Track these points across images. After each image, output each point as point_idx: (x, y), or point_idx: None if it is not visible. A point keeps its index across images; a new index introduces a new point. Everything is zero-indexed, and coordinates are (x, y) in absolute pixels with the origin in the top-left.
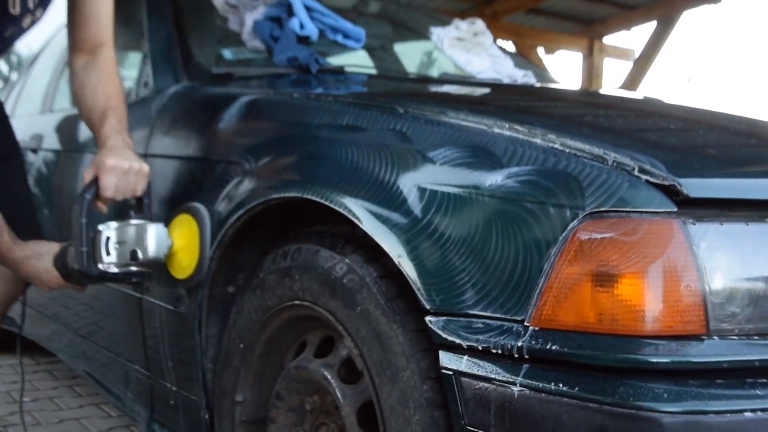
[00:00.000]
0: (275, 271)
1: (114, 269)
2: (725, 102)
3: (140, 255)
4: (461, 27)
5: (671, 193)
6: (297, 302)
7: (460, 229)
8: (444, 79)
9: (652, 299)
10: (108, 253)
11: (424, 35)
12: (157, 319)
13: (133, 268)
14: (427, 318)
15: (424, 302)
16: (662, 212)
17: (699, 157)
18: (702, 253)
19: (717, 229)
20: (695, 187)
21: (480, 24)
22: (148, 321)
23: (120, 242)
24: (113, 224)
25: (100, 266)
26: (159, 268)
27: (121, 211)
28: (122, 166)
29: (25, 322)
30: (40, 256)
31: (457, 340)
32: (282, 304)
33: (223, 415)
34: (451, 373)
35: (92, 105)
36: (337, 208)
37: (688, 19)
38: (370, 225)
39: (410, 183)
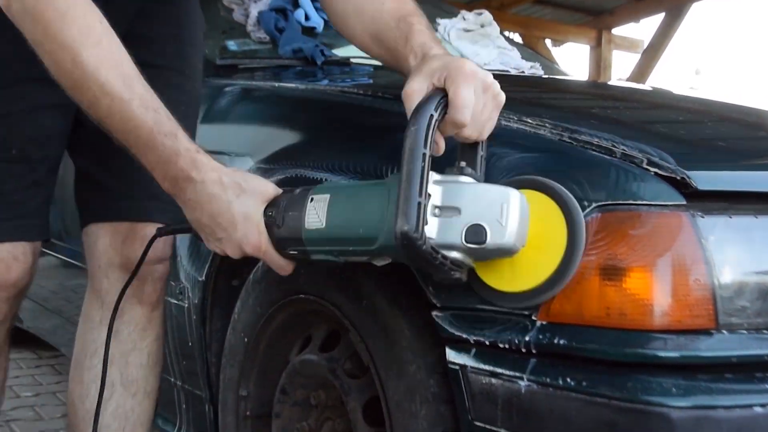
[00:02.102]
0: None
1: (433, 249)
2: (734, 94)
3: (488, 236)
4: (468, 18)
5: (680, 185)
6: (302, 296)
7: None
8: None
9: (660, 293)
10: (426, 222)
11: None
12: None
13: (457, 255)
14: (434, 312)
15: (431, 296)
16: (671, 205)
17: (708, 150)
18: (711, 247)
19: (726, 222)
20: (704, 179)
21: (487, 15)
22: None
23: (444, 207)
24: (432, 175)
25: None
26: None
27: None
28: (486, 79)
29: (28, 317)
30: (244, 191)
31: (464, 335)
32: (287, 297)
33: (228, 409)
34: (457, 367)
35: (376, 15)
36: None
37: (697, 10)
38: None
39: None
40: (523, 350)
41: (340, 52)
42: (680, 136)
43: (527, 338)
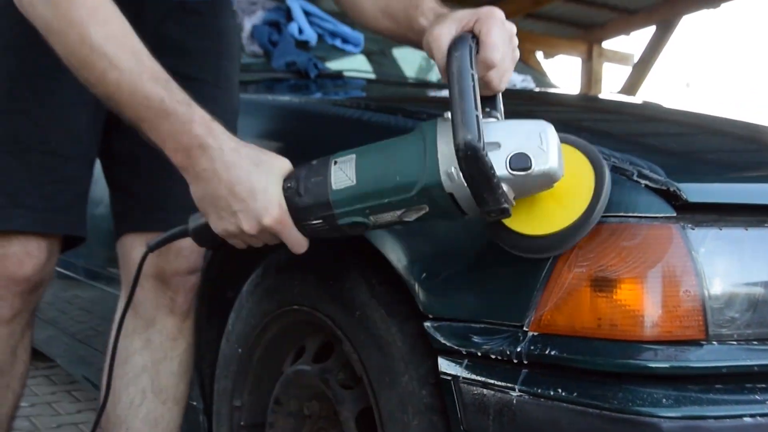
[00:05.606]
0: (274, 276)
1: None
2: (724, 107)
3: (533, 161)
4: None
5: (670, 197)
6: (296, 307)
7: (460, 235)
8: (442, 84)
9: (651, 304)
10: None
11: None
12: None
13: (504, 187)
14: (426, 323)
15: (423, 307)
16: (661, 217)
17: (698, 162)
18: (701, 258)
19: (716, 234)
20: (694, 192)
21: None
22: None
23: (490, 143)
24: None
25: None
26: (535, 191)
27: None
28: (511, 29)
29: None
30: (262, 162)
31: (456, 346)
32: (281, 308)
33: (222, 420)
34: (449, 378)
35: None
36: None
37: (687, 23)
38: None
39: None
40: (515, 361)
41: (333, 65)
42: (671, 149)
43: (519, 349)
